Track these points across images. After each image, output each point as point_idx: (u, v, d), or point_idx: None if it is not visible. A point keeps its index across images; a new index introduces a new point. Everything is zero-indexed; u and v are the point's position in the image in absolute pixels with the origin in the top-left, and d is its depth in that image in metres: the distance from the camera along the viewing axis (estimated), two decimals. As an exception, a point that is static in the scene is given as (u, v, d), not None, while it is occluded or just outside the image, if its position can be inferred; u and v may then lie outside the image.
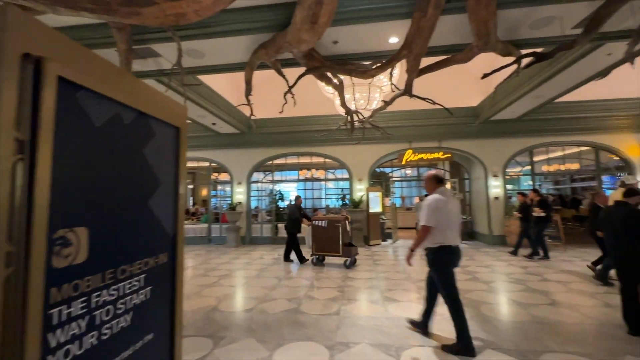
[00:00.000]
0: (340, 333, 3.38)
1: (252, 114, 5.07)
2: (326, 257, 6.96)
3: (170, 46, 4.20)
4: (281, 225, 10.74)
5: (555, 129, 9.19)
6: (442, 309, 3.19)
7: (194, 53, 4.56)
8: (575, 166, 11.12)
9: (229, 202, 10.70)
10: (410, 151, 9.76)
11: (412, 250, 3.11)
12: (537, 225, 7.19)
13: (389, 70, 4.78)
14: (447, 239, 2.99)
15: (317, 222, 6.72)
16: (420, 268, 6.44)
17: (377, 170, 11.94)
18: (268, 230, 10.71)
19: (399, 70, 5.35)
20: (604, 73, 4.31)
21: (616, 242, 3.38)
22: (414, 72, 4.10)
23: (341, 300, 4.51)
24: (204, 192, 17.32)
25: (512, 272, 6.01)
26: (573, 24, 3.83)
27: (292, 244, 7.18)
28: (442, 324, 3.44)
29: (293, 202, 7.55)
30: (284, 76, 4.66)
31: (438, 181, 3.18)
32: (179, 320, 1.25)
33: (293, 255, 7.25)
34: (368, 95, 5.77)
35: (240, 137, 10.57)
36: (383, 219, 10.34)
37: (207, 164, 11.31)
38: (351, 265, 6.62)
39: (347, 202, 10.60)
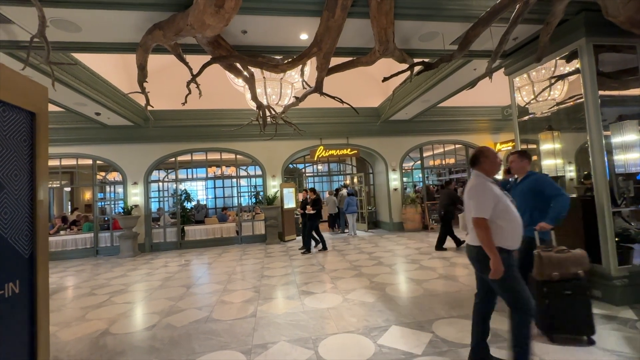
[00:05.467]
0: (257, 335, 3.27)
1: (148, 104, 4.43)
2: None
3: (28, 11, 3.29)
4: (189, 228, 9.84)
5: (439, 129, 10.89)
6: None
7: (65, 25, 3.69)
8: (452, 161, 13.44)
9: (122, 205, 9.19)
10: (321, 147, 10.13)
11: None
12: (310, 221, 7.72)
13: (300, 67, 4.81)
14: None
15: None
16: (332, 259, 6.79)
17: (290, 166, 12.04)
18: (173, 235, 9.65)
19: (310, 68, 5.45)
20: (473, 84, 5.26)
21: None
22: (324, 70, 4.22)
23: (257, 300, 4.38)
24: (87, 195, 14.53)
25: (409, 254, 6.87)
26: (451, 40, 4.54)
27: (449, 230, 7.04)
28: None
29: (444, 188, 7.39)
30: (186, 63, 4.20)
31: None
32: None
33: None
34: (280, 90, 5.70)
35: (135, 130, 9.17)
36: (297, 214, 10.50)
37: (89, 161, 9.46)
38: None
39: (260, 199, 10.38)
